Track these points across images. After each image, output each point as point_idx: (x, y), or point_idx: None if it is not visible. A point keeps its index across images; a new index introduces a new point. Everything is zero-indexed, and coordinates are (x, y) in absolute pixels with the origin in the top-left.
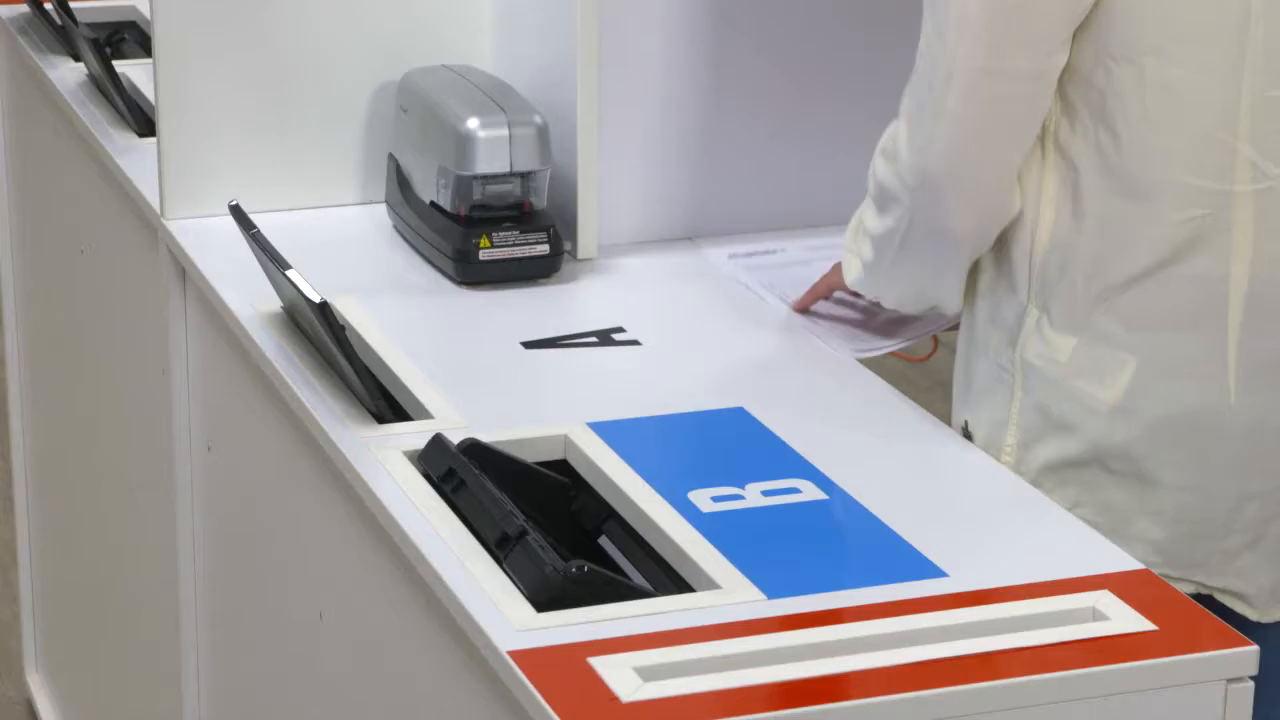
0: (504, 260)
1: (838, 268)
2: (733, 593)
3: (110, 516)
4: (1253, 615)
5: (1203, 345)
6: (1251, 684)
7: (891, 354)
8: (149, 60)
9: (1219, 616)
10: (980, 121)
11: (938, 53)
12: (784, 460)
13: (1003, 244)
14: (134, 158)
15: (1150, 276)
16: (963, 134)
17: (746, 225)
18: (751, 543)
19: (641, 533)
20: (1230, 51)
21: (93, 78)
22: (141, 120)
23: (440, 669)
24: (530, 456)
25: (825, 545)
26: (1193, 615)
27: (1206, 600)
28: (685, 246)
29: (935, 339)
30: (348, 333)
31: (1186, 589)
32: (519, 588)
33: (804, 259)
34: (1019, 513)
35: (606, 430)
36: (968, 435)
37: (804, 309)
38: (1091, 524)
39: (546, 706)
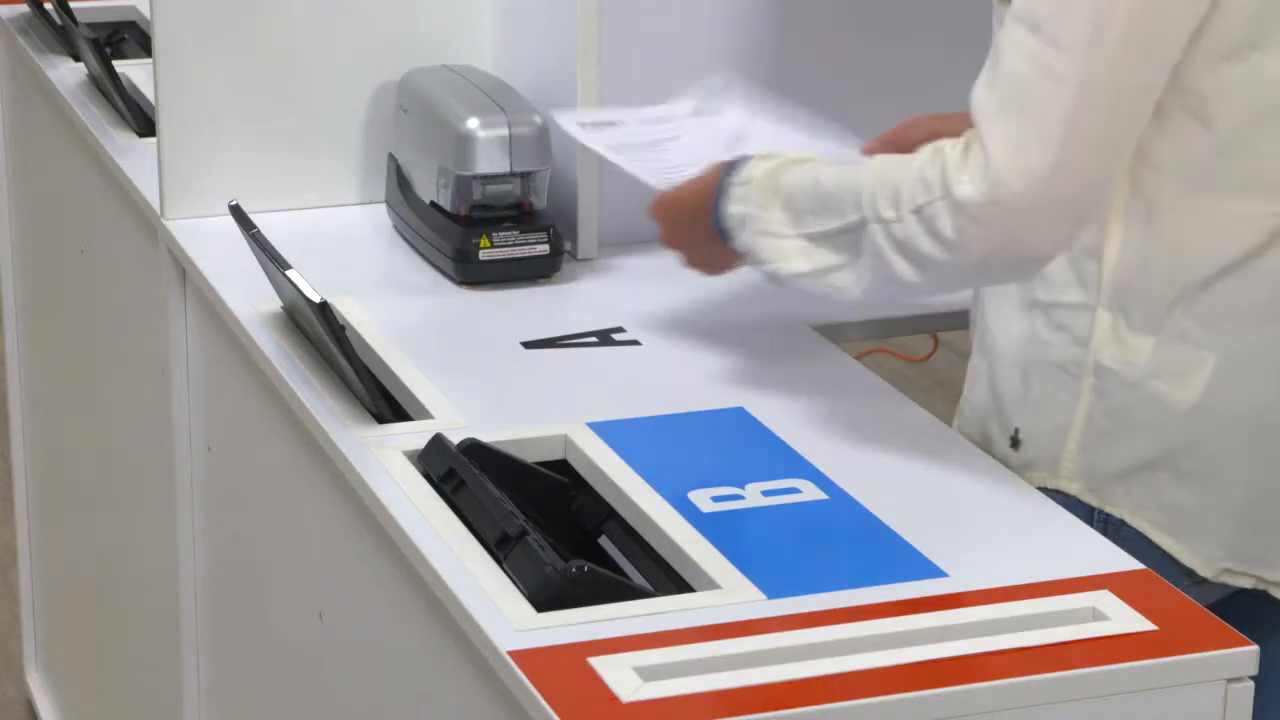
0: (504, 260)
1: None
2: (733, 593)
3: (110, 516)
4: None
5: (1275, 339)
6: (1251, 684)
7: (891, 354)
8: (149, 60)
9: (1264, 609)
10: (1116, 139)
11: (1060, 68)
12: (784, 460)
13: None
14: (134, 158)
15: (1232, 272)
16: (1096, 152)
17: None
18: (751, 543)
19: (641, 533)
20: None
21: (93, 78)
22: (141, 120)
23: (440, 669)
24: (530, 456)
25: (825, 545)
26: (1193, 615)
27: (1258, 595)
28: None
29: (935, 339)
30: (348, 333)
31: (1245, 583)
32: (519, 588)
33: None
34: (1019, 513)
35: (606, 430)
36: (1015, 443)
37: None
38: (1153, 526)
39: (546, 707)
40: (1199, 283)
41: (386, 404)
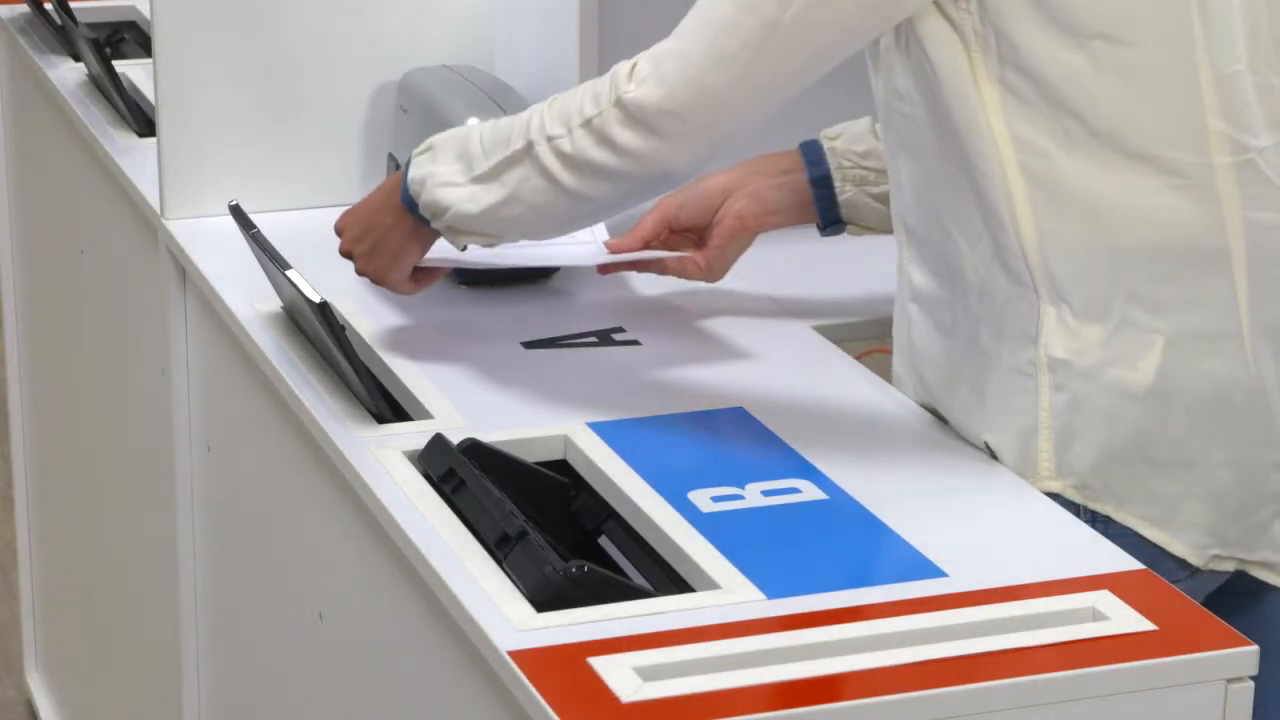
0: None
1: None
2: (733, 593)
3: (110, 516)
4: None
5: (1219, 319)
6: (1251, 684)
7: (891, 353)
8: (149, 60)
9: (1245, 593)
10: (784, 78)
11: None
12: (784, 460)
13: (989, 256)
14: (134, 158)
15: (1155, 253)
16: (763, 84)
17: None
18: (751, 543)
19: (641, 533)
20: (1180, 31)
21: (93, 78)
22: (141, 120)
23: (440, 669)
24: (530, 456)
25: (825, 545)
26: (1193, 615)
27: (1238, 576)
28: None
29: None
30: (348, 333)
31: (1229, 567)
32: (519, 588)
33: None
34: (1019, 513)
35: (606, 430)
36: (993, 455)
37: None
38: (1140, 519)
39: (546, 707)
40: (1125, 264)
41: (386, 404)
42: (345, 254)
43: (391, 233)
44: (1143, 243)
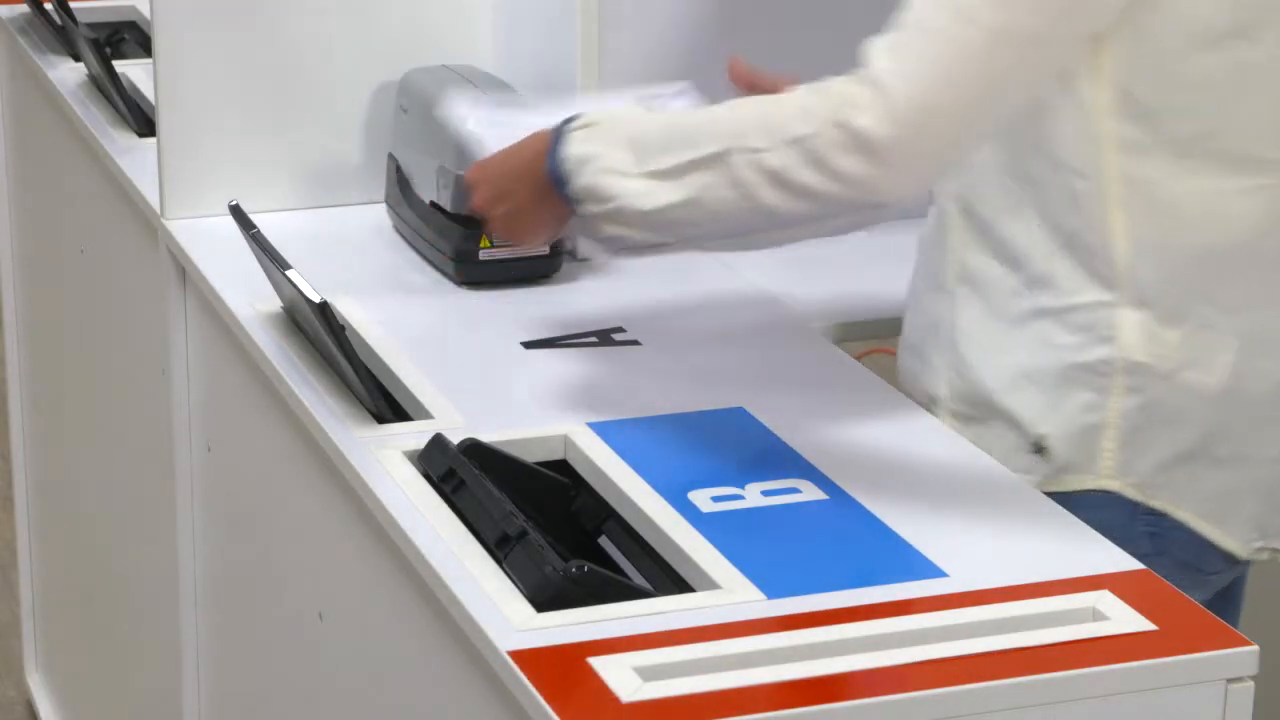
0: (504, 260)
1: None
2: (733, 593)
3: (110, 516)
4: None
5: None
6: (1251, 684)
7: (891, 354)
8: (149, 60)
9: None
10: (1008, 91)
11: (974, 10)
12: (784, 460)
13: (1061, 251)
14: (134, 158)
15: (1236, 254)
16: (989, 101)
17: None
18: (751, 543)
19: (641, 533)
20: None
21: (93, 78)
22: (141, 120)
23: (440, 669)
24: (530, 456)
25: (825, 545)
26: (1193, 615)
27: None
28: None
29: None
30: (348, 333)
31: (1264, 557)
32: (519, 588)
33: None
34: (1019, 513)
35: (606, 430)
36: (1041, 450)
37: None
38: (1195, 515)
39: (546, 706)
40: (1209, 264)
41: (386, 404)
42: (475, 210)
43: (530, 204)
44: (1227, 244)
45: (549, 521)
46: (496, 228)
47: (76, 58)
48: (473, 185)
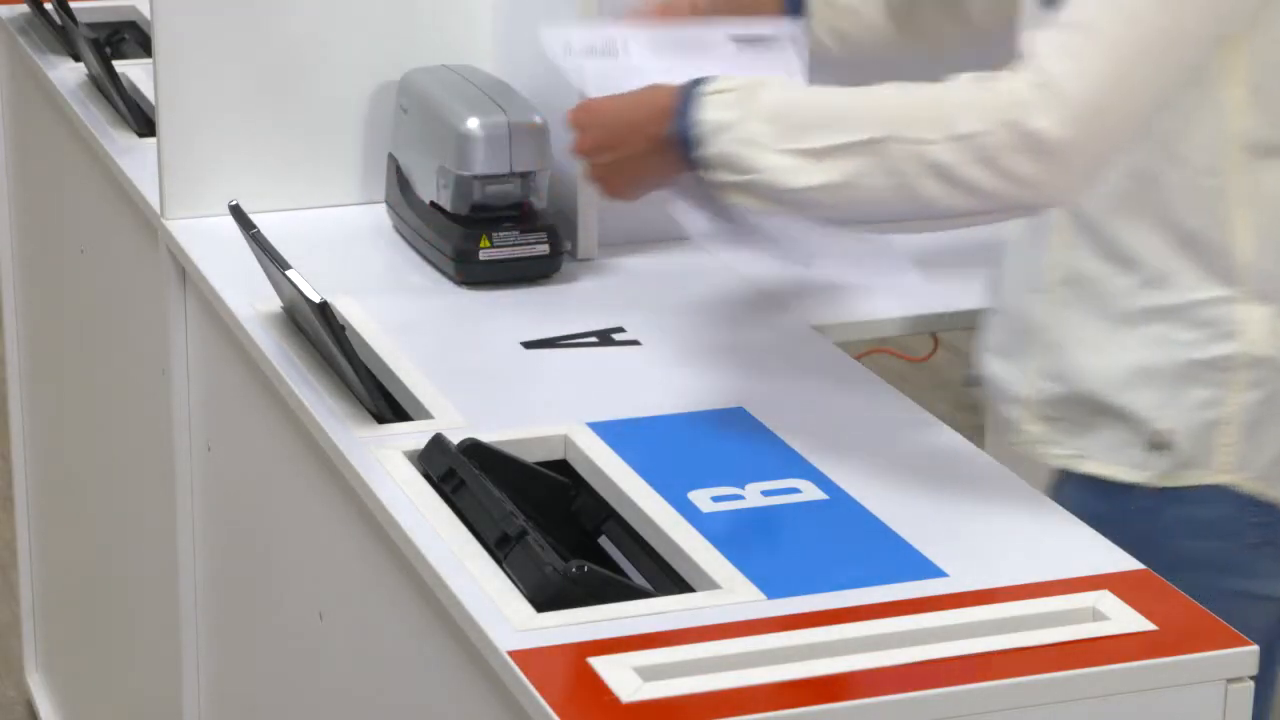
0: (504, 260)
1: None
2: (733, 593)
3: (110, 517)
4: None
5: None
6: (1251, 684)
7: (891, 354)
8: (149, 60)
9: None
10: (1167, 90)
11: (1139, 9)
12: (784, 460)
13: (1179, 249)
14: (134, 158)
15: None
16: (1153, 100)
17: None
18: (751, 543)
19: (641, 533)
20: None
21: (93, 78)
22: (141, 120)
23: (440, 669)
24: (530, 456)
25: (825, 545)
26: (1193, 615)
27: None
28: (685, 246)
29: (935, 339)
30: (348, 333)
31: None
32: (519, 588)
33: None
34: (1019, 513)
35: (606, 430)
36: (1158, 446)
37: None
38: None
39: (546, 706)
40: None
41: (386, 404)
42: (575, 152)
43: (640, 158)
44: None
45: (549, 521)
46: (594, 174)
47: (76, 58)
48: (579, 127)
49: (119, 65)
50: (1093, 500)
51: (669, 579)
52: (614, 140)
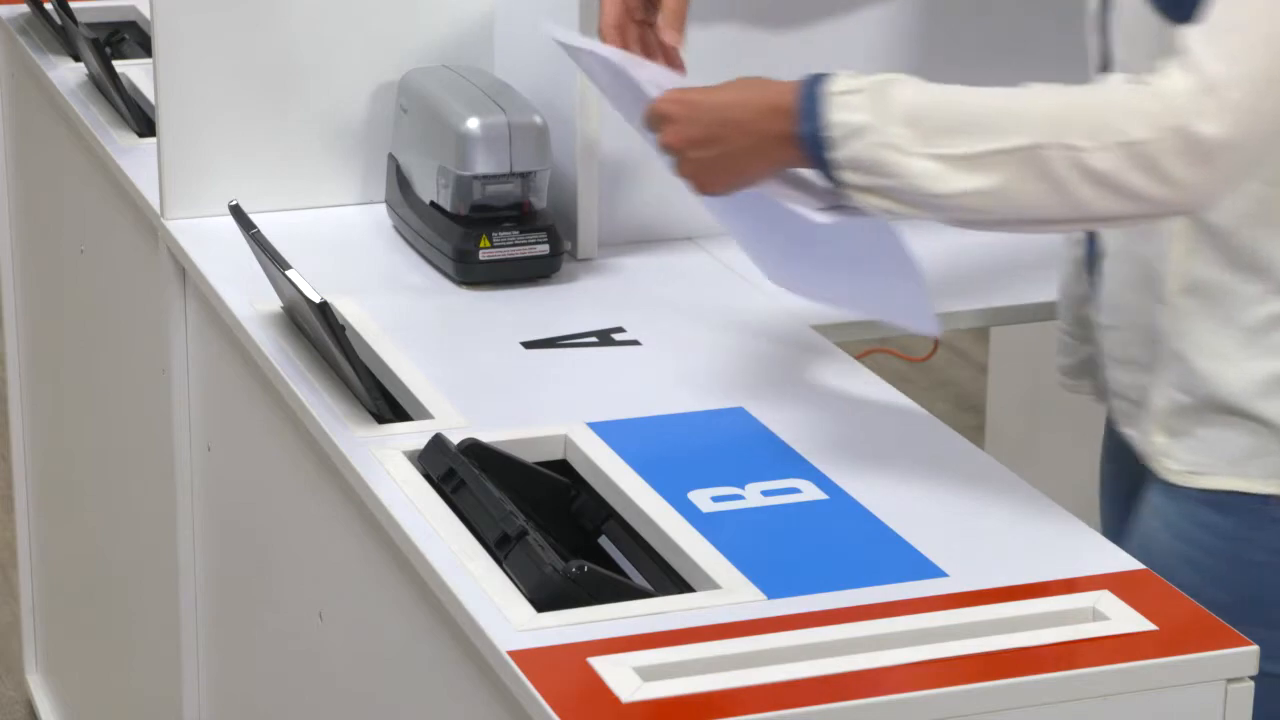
0: (504, 260)
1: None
2: (733, 593)
3: (110, 516)
4: None
5: None
6: (1251, 684)
7: (891, 354)
8: (149, 60)
9: None
10: None
11: None
12: (784, 460)
13: None
14: (134, 158)
15: None
16: None
17: None
18: (751, 543)
19: (641, 533)
20: None
21: (93, 78)
22: (141, 120)
23: (440, 669)
24: (530, 456)
25: (825, 545)
26: (1193, 615)
27: None
28: (685, 246)
29: (935, 339)
30: (348, 333)
31: None
32: (519, 588)
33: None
34: (1019, 513)
35: (606, 430)
36: None
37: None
38: None
39: (546, 706)
40: None
41: (386, 404)
42: (667, 146)
43: (743, 156)
44: None
45: (549, 521)
46: (685, 169)
47: (76, 58)
48: (671, 119)
49: (119, 65)
50: (1218, 517)
51: (669, 579)
52: (714, 135)
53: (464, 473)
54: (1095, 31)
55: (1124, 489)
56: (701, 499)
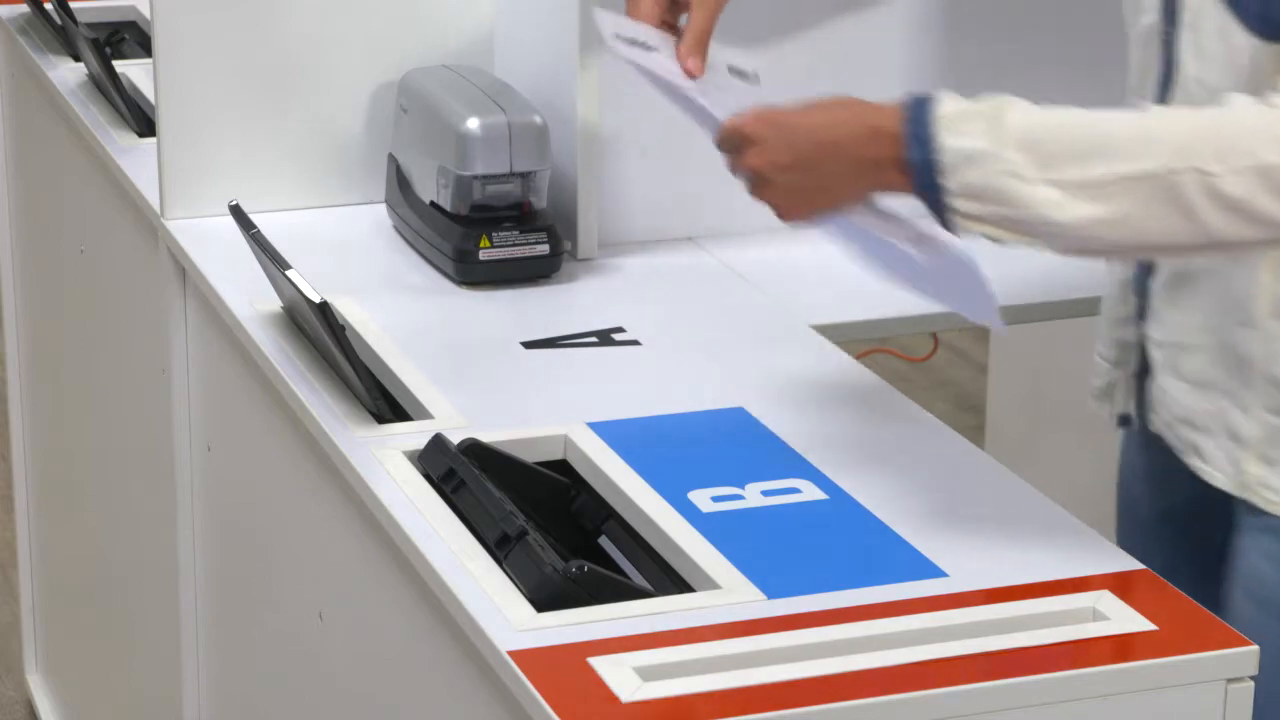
0: (504, 260)
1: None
2: (733, 593)
3: (110, 517)
4: None
5: None
6: (1251, 684)
7: (891, 354)
8: (149, 60)
9: None
10: None
11: None
12: (784, 460)
13: None
14: (134, 158)
15: None
16: None
17: (747, 226)
18: (751, 543)
19: (641, 533)
20: None
21: (93, 78)
22: (141, 120)
23: (440, 669)
24: (530, 456)
25: (825, 545)
26: (1193, 615)
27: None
28: (685, 246)
29: (935, 339)
30: (348, 333)
31: None
32: (519, 588)
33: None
34: (1019, 513)
35: (606, 430)
36: None
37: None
38: None
39: (546, 706)
40: None
41: (386, 404)
42: (752, 169)
43: (839, 183)
44: None
45: (549, 521)
46: (770, 194)
47: (76, 58)
48: (757, 140)
49: (119, 65)
50: None
51: (669, 579)
52: (807, 160)
53: (464, 473)
54: (1153, 45)
55: (1180, 527)
56: (701, 499)
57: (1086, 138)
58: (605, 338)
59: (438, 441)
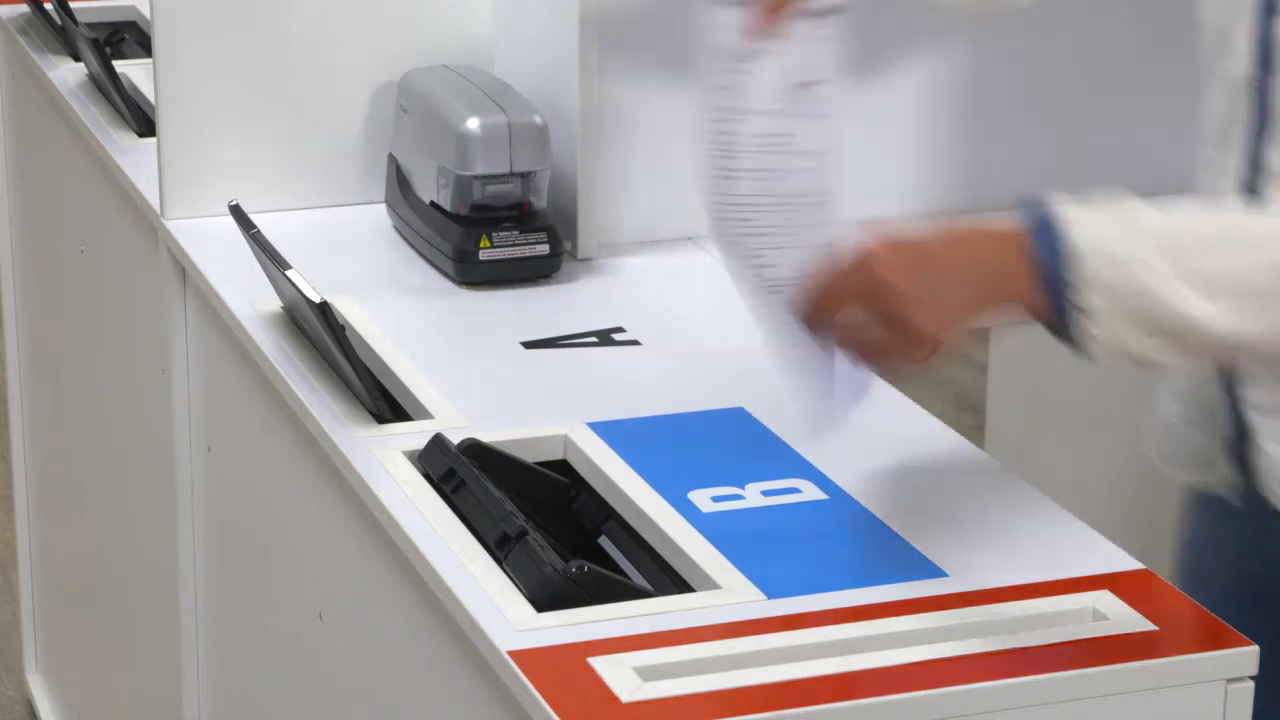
0: (504, 260)
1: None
2: (733, 593)
3: (110, 517)
4: None
5: None
6: (1251, 684)
7: None
8: (149, 60)
9: None
10: None
11: None
12: (784, 460)
13: None
14: (134, 158)
15: None
16: None
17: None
18: (751, 543)
19: (641, 533)
20: None
21: (93, 78)
22: (141, 120)
23: (440, 669)
24: (530, 456)
25: (825, 545)
26: (1193, 615)
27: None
28: (685, 246)
29: None
30: (348, 333)
31: None
32: (519, 588)
33: None
34: (1019, 513)
35: (606, 430)
36: None
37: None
38: None
39: (546, 706)
40: None
41: (386, 404)
42: (888, 306)
43: (969, 309)
44: None
45: (549, 521)
46: (908, 342)
47: (76, 58)
48: (875, 264)
49: (119, 65)
50: None
51: (669, 579)
52: (931, 292)
53: (464, 473)
54: (1241, 94)
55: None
56: (701, 499)
57: (1229, 243)
58: (605, 338)
59: (438, 441)
